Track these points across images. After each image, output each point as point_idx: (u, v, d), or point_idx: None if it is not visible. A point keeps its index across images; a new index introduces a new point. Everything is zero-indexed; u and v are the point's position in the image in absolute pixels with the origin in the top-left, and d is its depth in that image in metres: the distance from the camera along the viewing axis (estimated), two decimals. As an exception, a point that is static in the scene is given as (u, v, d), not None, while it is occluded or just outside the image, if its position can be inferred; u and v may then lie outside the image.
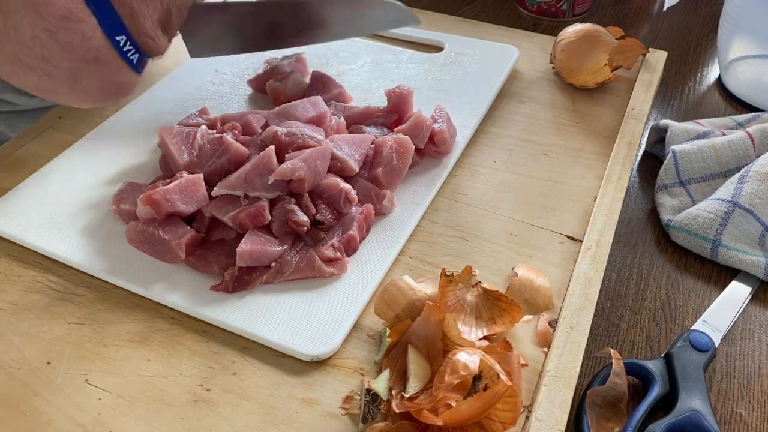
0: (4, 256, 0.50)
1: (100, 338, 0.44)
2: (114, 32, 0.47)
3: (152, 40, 0.50)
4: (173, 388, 0.42)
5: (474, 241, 0.52)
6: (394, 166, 0.53)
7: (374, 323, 0.46)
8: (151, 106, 0.65)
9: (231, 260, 0.47)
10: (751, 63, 0.71)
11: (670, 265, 0.54)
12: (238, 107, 0.65)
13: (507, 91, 0.68)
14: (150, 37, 0.49)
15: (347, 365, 0.43)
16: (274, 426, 0.40)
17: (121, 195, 0.51)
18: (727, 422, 0.43)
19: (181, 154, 0.52)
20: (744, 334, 0.48)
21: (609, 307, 0.50)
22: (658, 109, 0.71)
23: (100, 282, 0.48)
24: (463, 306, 0.43)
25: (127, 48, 0.48)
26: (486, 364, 0.37)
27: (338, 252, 0.48)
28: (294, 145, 0.51)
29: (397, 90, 0.58)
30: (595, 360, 0.46)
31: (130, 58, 0.49)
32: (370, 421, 0.39)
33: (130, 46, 0.48)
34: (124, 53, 0.48)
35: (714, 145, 0.58)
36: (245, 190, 0.48)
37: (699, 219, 0.53)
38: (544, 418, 0.38)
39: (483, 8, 0.89)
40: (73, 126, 0.63)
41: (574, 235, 0.52)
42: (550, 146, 0.61)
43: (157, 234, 0.47)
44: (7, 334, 0.45)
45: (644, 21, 0.88)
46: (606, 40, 0.65)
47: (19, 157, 0.60)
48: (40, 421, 0.40)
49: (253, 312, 0.45)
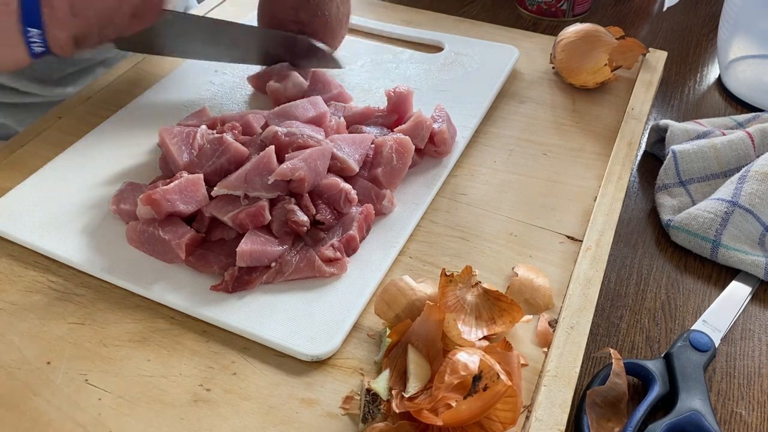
0: (4, 256, 0.50)
1: (100, 338, 0.44)
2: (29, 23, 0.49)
3: (61, 48, 0.52)
4: (173, 388, 0.42)
5: (474, 241, 0.52)
6: (394, 166, 0.53)
7: (374, 323, 0.46)
8: (151, 106, 0.65)
9: (231, 260, 0.47)
10: (751, 63, 0.71)
11: (670, 265, 0.54)
12: (238, 107, 0.65)
13: (507, 91, 0.68)
14: (60, 46, 0.52)
15: (347, 365, 0.43)
16: (274, 426, 0.40)
17: (121, 195, 0.51)
18: (727, 422, 0.43)
19: (181, 154, 0.52)
20: (744, 334, 0.48)
21: (609, 307, 0.50)
22: (658, 109, 0.71)
23: (100, 282, 0.48)
24: (463, 306, 0.43)
25: (33, 40, 0.50)
26: (486, 364, 0.37)
27: (338, 252, 0.48)
28: (294, 145, 0.51)
29: (397, 90, 0.58)
30: (595, 360, 0.46)
31: (32, 48, 0.51)
32: (370, 421, 0.39)
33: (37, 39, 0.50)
34: (29, 42, 0.50)
35: (714, 145, 0.58)
36: (245, 190, 0.48)
37: (699, 219, 0.53)
38: (544, 418, 0.38)
39: (483, 8, 0.89)
40: (73, 126, 0.63)
41: (574, 235, 0.52)
42: (550, 146, 0.61)
43: (157, 234, 0.47)
44: (7, 334, 0.45)
45: (644, 21, 0.88)
46: (606, 40, 0.65)
47: (19, 157, 0.60)
48: (40, 421, 0.40)
49: (253, 312, 0.45)
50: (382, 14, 0.81)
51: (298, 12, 0.63)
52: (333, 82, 0.64)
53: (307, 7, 0.63)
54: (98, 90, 0.68)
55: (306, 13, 0.63)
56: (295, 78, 0.62)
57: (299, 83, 0.62)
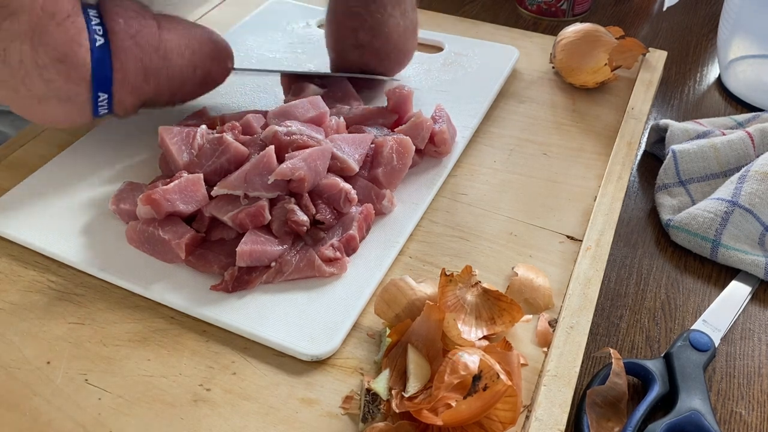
0: (4, 256, 0.50)
1: (99, 338, 0.44)
2: (99, 89, 0.49)
3: (125, 111, 0.52)
4: (173, 388, 0.42)
5: (474, 241, 0.52)
6: (395, 167, 0.53)
7: (374, 323, 0.46)
8: (151, 106, 0.65)
9: (231, 260, 0.47)
10: (751, 63, 0.71)
11: (670, 265, 0.54)
12: (238, 107, 0.65)
13: (507, 91, 0.68)
14: (125, 109, 0.52)
15: (347, 365, 0.43)
16: (274, 426, 0.40)
17: (121, 195, 0.51)
18: (727, 422, 0.43)
19: (180, 154, 0.52)
20: (744, 334, 0.48)
21: (609, 306, 0.50)
22: (658, 109, 0.71)
23: (100, 282, 0.48)
24: (463, 306, 0.43)
25: (101, 104, 0.50)
26: (486, 364, 0.37)
27: (338, 252, 0.48)
28: (294, 145, 0.51)
29: (397, 90, 0.58)
30: (595, 360, 0.46)
31: (99, 111, 0.50)
32: (370, 420, 0.39)
33: (104, 103, 0.50)
34: (97, 106, 0.50)
35: (714, 145, 0.58)
36: (245, 189, 0.48)
37: (699, 219, 0.53)
38: (544, 418, 0.38)
39: (483, 8, 0.89)
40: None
41: (574, 235, 0.52)
42: (550, 146, 0.61)
43: (157, 234, 0.47)
44: (7, 333, 0.45)
45: (644, 21, 0.88)
46: (606, 40, 0.65)
47: (19, 157, 0.60)
48: (40, 420, 0.40)
49: (253, 312, 0.45)
50: (382, 14, 0.80)
51: (357, 33, 0.59)
52: (352, 93, 0.63)
53: (365, 26, 0.59)
54: (98, 90, 0.68)
55: (365, 34, 0.59)
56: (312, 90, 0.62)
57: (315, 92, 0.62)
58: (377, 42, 0.60)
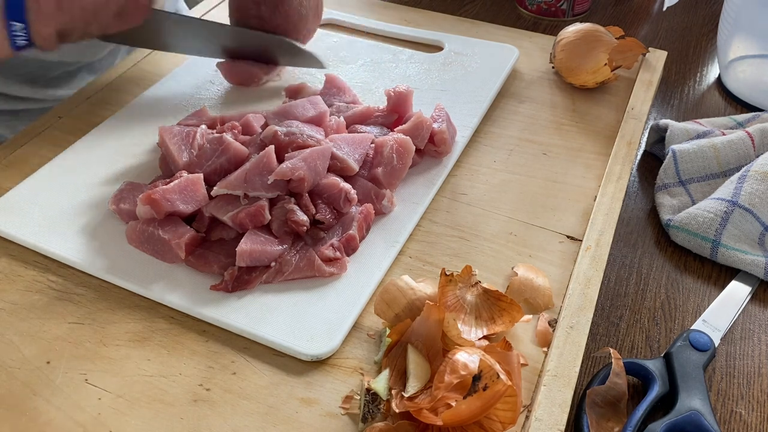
0: (4, 256, 0.50)
1: (99, 338, 0.44)
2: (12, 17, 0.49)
3: (45, 42, 0.52)
4: (173, 388, 0.42)
5: (474, 241, 0.52)
6: (395, 166, 0.53)
7: (374, 323, 0.46)
8: (151, 106, 0.65)
9: (231, 260, 0.47)
10: (751, 63, 0.71)
11: (670, 265, 0.54)
12: (238, 107, 0.65)
13: (507, 91, 0.68)
14: (43, 39, 0.52)
15: (347, 365, 0.43)
16: (274, 426, 0.40)
17: (121, 195, 0.51)
18: (726, 422, 0.43)
19: (180, 154, 0.52)
20: (744, 334, 0.48)
21: (609, 306, 0.50)
22: (658, 109, 0.71)
23: (100, 282, 0.48)
24: (463, 306, 0.43)
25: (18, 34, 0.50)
26: (486, 364, 0.37)
27: (338, 252, 0.48)
28: (294, 145, 0.51)
29: (396, 90, 0.58)
30: (595, 360, 0.46)
31: (15, 41, 0.51)
32: (369, 420, 0.39)
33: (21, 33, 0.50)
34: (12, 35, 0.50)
35: (714, 145, 0.58)
36: (245, 189, 0.48)
37: (699, 219, 0.53)
38: (544, 418, 0.38)
39: (483, 8, 0.89)
40: (73, 126, 0.63)
41: (574, 235, 0.52)
42: (550, 146, 0.61)
43: (157, 234, 0.47)
44: (7, 333, 0.45)
45: (644, 21, 0.88)
46: (606, 40, 0.65)
47: (19, 157, 0.60)
48: (40, 420, 0.40)
49: (252, 312, 0.45)
50: (382, 14, 0.81)
51: (260, 6, 0.63)
52: (347, 88, 0.63)
53: (267, 1, 0.63)
54: (98, 89, 0.68)
55: (267, 8, 0.63)
56: (308, 90, 0.62)
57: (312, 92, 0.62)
58: (277, 19, 0.64)
